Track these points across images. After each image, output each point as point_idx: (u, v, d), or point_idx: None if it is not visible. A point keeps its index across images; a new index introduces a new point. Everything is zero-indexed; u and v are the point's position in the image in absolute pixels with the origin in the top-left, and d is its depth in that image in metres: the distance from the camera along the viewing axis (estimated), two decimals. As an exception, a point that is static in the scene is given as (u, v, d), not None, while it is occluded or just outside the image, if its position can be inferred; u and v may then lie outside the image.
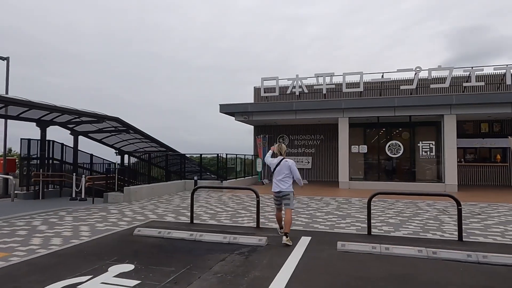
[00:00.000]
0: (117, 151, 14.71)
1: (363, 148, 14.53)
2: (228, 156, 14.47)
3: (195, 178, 13.50)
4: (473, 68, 13.14)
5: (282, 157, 5.76)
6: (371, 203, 6.24)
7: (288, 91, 15.38)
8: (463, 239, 5.63)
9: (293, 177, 5.67)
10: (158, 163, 13.92)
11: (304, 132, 17.86)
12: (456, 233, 6.27)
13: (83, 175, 11.04)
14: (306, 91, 15.15)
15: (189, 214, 7.14)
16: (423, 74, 14.00)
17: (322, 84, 14.91)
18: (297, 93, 15.29)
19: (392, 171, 14.86)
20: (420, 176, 14.33)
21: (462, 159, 15.67)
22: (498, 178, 15.28)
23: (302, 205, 9.53)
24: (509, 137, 13.91)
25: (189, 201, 7.07)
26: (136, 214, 8.21)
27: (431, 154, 13.68)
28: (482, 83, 13.27)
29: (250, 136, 18.87)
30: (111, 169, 11.97)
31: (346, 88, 14.68)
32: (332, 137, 17.39)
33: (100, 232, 6.18)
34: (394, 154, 14.10)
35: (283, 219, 5.69)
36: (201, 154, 14.20)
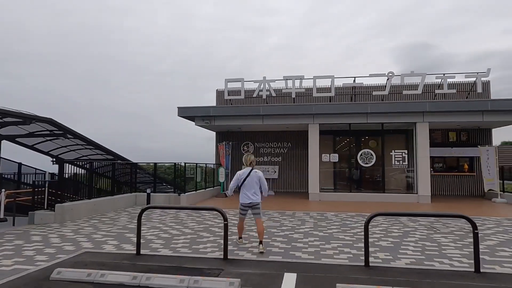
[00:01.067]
0: (54, 159, 12.44)
1: (334, 157, 13.59)
2: (188, 165, 12.81)
3: (148, 191, 11.67)
4: (445, 75, 12.77)
5: (251, 168, 5.90)
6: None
7: (255, 94, 14.11)
8: (480, 270, 4.58)
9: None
10: (105, 173, 11.90)
11: (270, 139, 16.66)
12: (465, 260, 5.24)
13: (2, 190, 8.82)
14: (274, 94, 13.98)
15: (136, 238, 5.48)
16: (395, 81, 13.44)
17: (291, 88, 13.82)
18: (264, 97, 14.06)
19: (364, 181, 14.07)
20: (392, 186, 13.66)
21: (431, 169, 15.31)
22: (466, 188, 15.08)
23: (275, 223, 8.18)
24: (479, 146, 13.71)
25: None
26: (65, 242, 6.34)
27: (403, 163, 13.05)
28: (454, 91, 12.95)
29: (213, 143, 17.31)
30: (41, 181, 9.80)
31: (317, 92, 13.71)
32: (300, 144, 16.37)
33: (1, 276, 4.34)
34: (367, 163, 13.31)
35: (244, 228, 5.96)
36: (155, 163, 12.40)
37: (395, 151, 13.15)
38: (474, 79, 12.87)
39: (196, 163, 13.25)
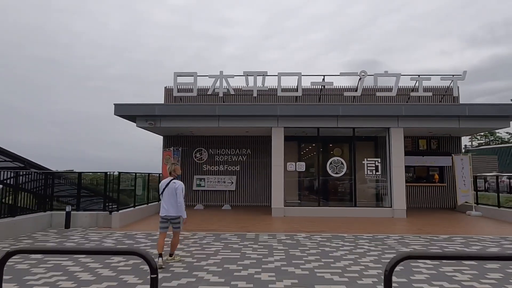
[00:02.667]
0: None
1: (301, 166, 11.85)
2: (124, 175, 10.27)
3: (68, 208, 8.97)
4: (420, 76, 11.69)
5: (172, 178, 5.53)
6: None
7: (210, 92, 12.00)
8: None
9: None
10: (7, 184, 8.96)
11: (228, 145, 14.57)
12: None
13: None
14: (232, 92, 11.98)
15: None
16: (368, 83, 12.10)
17: (252, 86, 11.92)
18: (221, 95, 12.00)
19: (334, 193, 12.47)
20: (365, 199, 12.20)
21: (400, 179, 14.21)
22: (436, 200, 14.13)
23: (234, 254, 6.07)
24: (453, 155, 12.78)
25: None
26: None
27: (377, 173, 11.66)
28: (430, 94, 11.92)
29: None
30: None
31: (282, 91, 11.95)
32: (262, 152, 14.48)
33: None
34: (337, 173, 11.73)
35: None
36: (80, 173, 9.66)
37: (368, 159, 11.73)
38: (447, 83, 11.90)
39: (135, 173, 10.75)
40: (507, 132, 46.91)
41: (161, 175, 12.98)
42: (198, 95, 12.37)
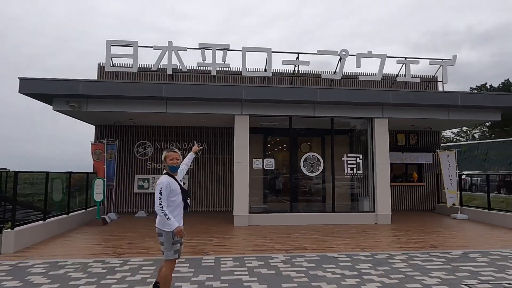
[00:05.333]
0: None
1: (270, 163, 9.67)
2: (30, 175, 7.31)
3: None
4: (407, 59, 10.07)
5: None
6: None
7: (155, 68, 9.34)
8: None
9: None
10: None
11: (178, 138, 11.95)
12: None
13: None
14: (185, 69, 9.43)
15: None
16: (347, 69, 10.21)
17: (210, 63, 9.47)
18: (170, 72, 9.40)
19: (309, 195, 10.48)
20: (345, 202, 10.37)
21: (377, 178, 12.64)
22: (415, 201, 12.77)
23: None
24: (438, 151, 11.40)
25: None
26: None
27: (358, 171, 9.85)
28: (418, 79, 10.34)
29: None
30: None
31: (248, 71, 9.65)
32: (222, 146, 12.08)
33: None
34: (312, 171, 9.73)
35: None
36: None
37: (348, 155, 9.88)
38: (433, 72, 10.43)
39: (47, 172, 7.80)
40: (451, 132, 49.14)
41: (95, 174, 10.07)
42: (140, 71, 9.67)
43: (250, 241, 7.16)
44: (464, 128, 49.72)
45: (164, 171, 3.87)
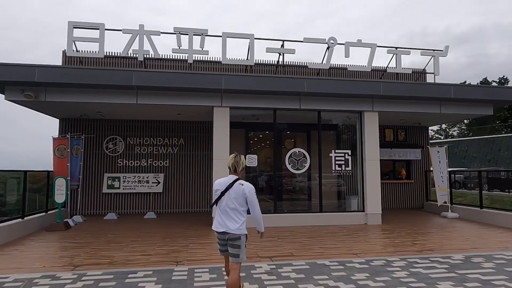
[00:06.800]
0: None
1: (252, 160, 8.88)
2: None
3: None
4: (398, 49, 9.50)
5: (236, 177, 3.62)
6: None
7: (123, 53, 8.36)
8: None
9: (248, 211, 3.54)
10: None
11: (152, 132, 10.99)
12: None
13: None
14: (158, 55, 8.51)
15: None
16: (336, 61, 9.52)
17: (187, 49, 8.58)
18: (141, 59, 8.45)
19: (295, 194, 9.78)
20: (332, 201, 9.73)
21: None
22: (403, 199, 12.29)
23: None
24: (429, 146, 10.92)
25: None
26: None
27: (347, 168, 9.21)
28: (409, 71, 9.77)
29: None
30: None
31: (228, 60, 8.81)
32: (199, 141, 11.21)
33: None
34: (298, 168, 9.02)
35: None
36: None
37: (336, 151, 9.22)
38: (422, 66, 9.90)
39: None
40: (431, 129, 49.84)
41: (58, 175, 9.02)
42: (108, 58, 8.67)
43: (230, 247, 6.36)
44: (444, 126, 50.63)
45: (238, 178, 3.65)
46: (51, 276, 4.66)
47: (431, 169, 10.76)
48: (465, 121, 44.17)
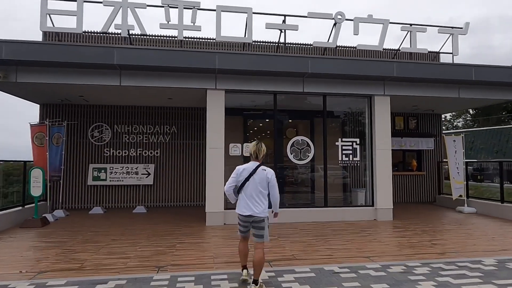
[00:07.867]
0: None
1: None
2: None
3: None
4: (412, 25, 8.53)
5: (258, 163, 3.92)
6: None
7: (105, 28, 7.41)
8: None
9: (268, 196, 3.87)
10: None
11: (141, 119, 10.10)
12: None
13: None
14: (144, 31, 7.55)
15: None
16: (342, 41, 8.54)
17: (176, 24, 7.63)
18: (125, 34, 7.51)
19: (297, 188, 8.91)
20: (338, 195, 8.89)
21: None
22: (414, 192, 11.43)
23: None
24: (444, 135, 10.01)
25: None
26: None
27: (355, 159, 8.33)
28: (426, 50, 8.77)
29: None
30: None
31: (223, 36, 7.85)
32: (193, 129, 10.33)
33: None
34: (301, 158, 8.15)
35: (249, 253, 3.97)
36: None
37: (343, 140, 8.33)
38: (444, 41, 8.89)
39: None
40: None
41: (37, 165, 8.17)
42: (87, 34, 7.73)
43: (223, 248, 5.53)
44: (448, 117, 49.50)
45: (260, 164, 3.92)
46: (3, 286, 3.83)
47: (445, 159, 9.88)
48: (470, 111, 43.09)
